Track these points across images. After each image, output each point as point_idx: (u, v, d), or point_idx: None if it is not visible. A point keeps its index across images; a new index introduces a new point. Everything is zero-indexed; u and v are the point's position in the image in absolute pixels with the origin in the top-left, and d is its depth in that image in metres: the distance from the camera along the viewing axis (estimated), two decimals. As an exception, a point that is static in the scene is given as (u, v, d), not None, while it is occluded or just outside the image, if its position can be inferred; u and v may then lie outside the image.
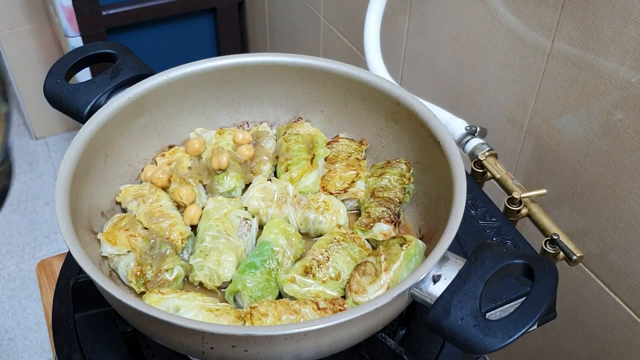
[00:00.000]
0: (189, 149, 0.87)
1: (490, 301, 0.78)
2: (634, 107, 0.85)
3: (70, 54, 0.88)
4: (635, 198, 0.89)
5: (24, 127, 2.81)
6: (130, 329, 0.78)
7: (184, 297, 0.69)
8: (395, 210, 0.79)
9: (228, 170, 0.84)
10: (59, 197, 0.68)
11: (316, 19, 1.72)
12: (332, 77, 0.86)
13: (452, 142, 0.75)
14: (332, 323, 0.58)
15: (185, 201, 0.81)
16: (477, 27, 1.09)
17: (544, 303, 0.57)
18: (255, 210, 0.81)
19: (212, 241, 0.76)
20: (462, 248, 0.84)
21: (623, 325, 0.99)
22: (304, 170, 0.84)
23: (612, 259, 0.97)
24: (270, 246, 0.75)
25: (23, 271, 2.24)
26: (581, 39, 0.90)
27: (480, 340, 0.56)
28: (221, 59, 0.86)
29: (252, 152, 0.87)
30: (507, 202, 0.93)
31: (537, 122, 1.03)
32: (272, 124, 0.93)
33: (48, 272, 1.19)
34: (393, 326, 0.82)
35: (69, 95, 0.84)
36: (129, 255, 0.75)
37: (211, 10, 2.21)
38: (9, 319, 2.10)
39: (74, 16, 1.95)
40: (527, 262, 0.60)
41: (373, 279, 0.71)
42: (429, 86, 1.29)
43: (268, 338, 0.58)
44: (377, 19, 1.15)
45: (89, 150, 0.76)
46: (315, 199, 0.81)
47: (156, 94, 0.84)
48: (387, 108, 0.84)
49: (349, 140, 0.89)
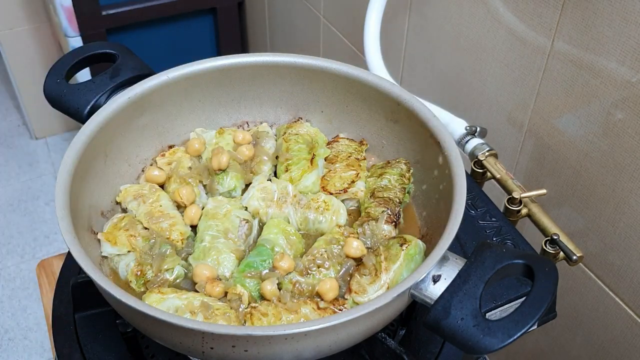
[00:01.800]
0: (189, 149, 0.87)
1: (490, 301, 0.78)
2: (634, 107, 0.85)
3: (70, 54, 0.88)
4: (635, 198, 0.89)
5: (24, 127, 2.81)
6: (130, 329, 0.78)
7: (184, 297, 0.69)
8: (395, 210, 0.79)
9: (228, 170, 0.84)
10: (59, 197, 0.68)
11: (316, 19, 1.72)
12: (332, 77, 0.86)
13: (452, 142, 0.75)
14: (332, 323, 0.58)
15: (186, 201, 0.81)
16: (477, 27, 1.09)
17: (544, 303, 0.57)
18: (255, 210, 0.81)
19: (211, 241, 0.76)
20: (462, 248, 0.84)
21: (623, 325, 0.99)
22: (304, 170, 0.84)
23: (612, 259, 0.97)
24: (270, 246, 0.75)
25: (23, 271, 2.24)
26: (581, 39, 0.90)
27: (480, 340, 0.56)
28: (221, 59, 0.86)
29: (252, 152, 0.86)
30: (507, 202, 0.93)
31: (537, 122, 1.03)
32: (272, 124, 0.93)
33: (48, 272, 1.19)
34: (393, 326, 0.82)
35: (69, 95, 0.84)
36: (129, 255, 0.75)
37: (211, 10, 2.21)
38: (9, 319, 2.10)
39: (74, 16, 1.95)
40: (527, 262, 0.60)
41: (373, 279, 0.70)
42: (429, 86, 1.29)
43: (268, 338, 0.58)
44: (377, 19, 1.15)
45: (89, 150, 0.76)
46: (315, 199, 0.81)
47: (156, 94, 0.84)
48: (387, 108, 0.84)
49: (349, 140, 0.89)
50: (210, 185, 0.84)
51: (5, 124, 2.84)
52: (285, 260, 0.72)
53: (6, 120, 2.85)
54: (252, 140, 0.88)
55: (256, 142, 0.88)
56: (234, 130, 0.90)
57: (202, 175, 0.84)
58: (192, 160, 0.86)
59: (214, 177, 0.84)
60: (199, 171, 0.84)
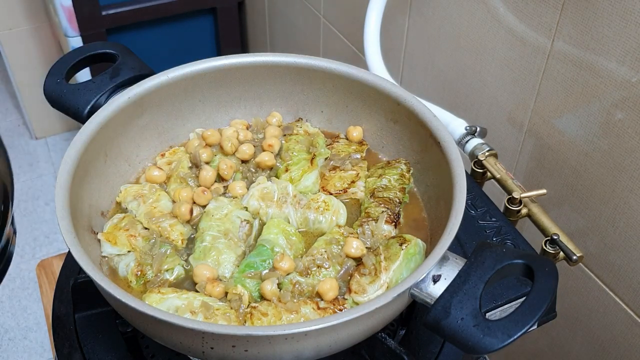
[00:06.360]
0: (189, 149, 0.87)
1: (490, 301, 0.78)
2: (634, 107, 0.85)
3: (70, 54, 0.88)
4: (635, 198, 0.89)
5: (24, 127, 2.81)
6: (130, 329, 0.78)
7: (184, 297, 0.69)
8: (395, 210, 0.79)
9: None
10: (59, 197, 0.68)
11: (316, 19, 1.72)
12: (332, 77, 0.86)
13: (452, 142, 0.75)
14: (332, 323, 0.58)
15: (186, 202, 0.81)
16: (477, 27, 1.09)
17: (544, 303, 0.57)
18: (255, 211, 0.81)
19: (212, 241, 0.76)
20: (462, 248, 0.85)
21: (623, 326, 0.99)
22: (304, 170, 0.84)
23: (612, 259, 0.97)
24: (270, 246, 0.75)
25: (23, 271, 2.24)
26: (581, 39, 0.90)
27: (480, 340, 0.56)
28: (221, 59, 0.86)
29: (252, 152, 0.87)
30: (507, 202, 0.93)
31: (537, 122, 1.03)
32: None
33: (48, 272, 1.19)
34: (393, 326, 0.82)
35: (69, 95, 0.84)
36: (129, 255, 0.75)
37: (211, 10, 2.21)
38: (9, 319, 2.10)
39: (74, 16, 1.95)
40: (527, 262, 0.60)
41: (373, 279, 0.71)
42: (429, 86, 1.29)
43: (268, 338, 0.58)
44: (377, 19, 1.15)
45: (89, 150, 0.76)
46: (315, 199, 0.81)
47: (156, 94, 0.84)
48: (387, 108, 0.84)
49: (349, 140, 0.90)
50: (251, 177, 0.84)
51: (5, 124, 2.84)
52: (285, 261, 0.72)
53: (6, 120, 2.85)
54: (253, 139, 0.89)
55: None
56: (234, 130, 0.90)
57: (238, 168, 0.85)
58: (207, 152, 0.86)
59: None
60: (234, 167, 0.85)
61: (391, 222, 0.78)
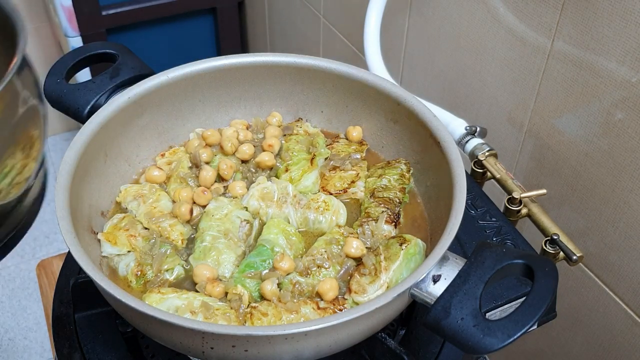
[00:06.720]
0: (189, 149, 0.87)
1: (490, 301, 0.78)
2: (634, 107, 0.85)
3: (70, 54, 0.88)
4: (635, 198, 0.89)
5: (24, 127, 2.81)
6: (130, 329, 0.78)
7: (184, 297, 0.69)
8: (395, 210, 0.79)
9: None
10: (59, 197, 0.68)
11: (316, 19, 1.72)
12: (332, 77, 0.86)
13: (452, 142, 0.75)
14: (332, 323, 0.58)
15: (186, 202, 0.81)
16: (477, 27, 1.09)
17: (544, 303, 0.57)
18: (255, 211, 0.81)
19: (212, 241, 0.76)
20: (462, 248, 0.85)
21: (623, 326, 0.99)
22: (304, 170, 0.84)
23: (612, 259, 0.97)
24: (270, 246, 0.75)
25: (23, 271, 2.24)
26: (581, 39, 0.90)
27: (480, 340, 0.56)
28: (221, 59, 0.86)
29: (252, 152, 0.87)
30: (507, 202, 0.93)
31: (537, 122, 1.03)
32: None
33: (48, 272, 1.19)
34: (393, 326, 0.82)
35: (69, 95, 0.84)
36: (129, 255, 0.75)
37: (211, 10, 2.21)
38: (9, 319, 2.10)
39: (74, 16, 1.95)
40: (527, 262, 0.60)
41: (373, 279, 0.71)
42: (429, 86, 1.29)
43: (268, 338, 0.58)
44: (377, 19, 1.15)
45: (89, 150, 0.76)
46: (315, 199, 0.81)
47: (156, 94, 0.84)
48: (387, 108, 0.84)
49: (348, 140, 0.90)
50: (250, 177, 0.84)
51: (5, 124, 2.83)
52: (285, 261, 0.72)
53: (6, 120, 2.85)
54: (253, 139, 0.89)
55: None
56: (234, 130, 0.90)
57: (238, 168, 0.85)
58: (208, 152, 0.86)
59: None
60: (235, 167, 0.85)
61: (391, 222, 0.78)
